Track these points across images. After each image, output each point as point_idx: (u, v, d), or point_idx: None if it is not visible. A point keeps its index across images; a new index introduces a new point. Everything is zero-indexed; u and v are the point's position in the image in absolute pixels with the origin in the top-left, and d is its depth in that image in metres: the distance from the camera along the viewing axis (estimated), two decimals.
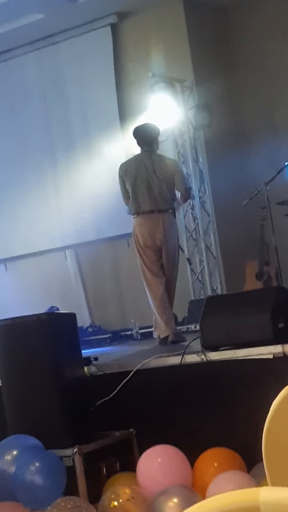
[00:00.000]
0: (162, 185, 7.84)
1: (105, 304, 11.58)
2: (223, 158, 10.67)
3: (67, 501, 4.70)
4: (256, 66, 10.96)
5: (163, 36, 10.66)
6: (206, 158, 10.54)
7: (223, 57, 11.07)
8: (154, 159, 7.98)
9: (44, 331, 5.45)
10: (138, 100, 10.47)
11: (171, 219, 7.92)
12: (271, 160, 9.97)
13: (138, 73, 10.73)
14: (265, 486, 1.11)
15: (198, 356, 5.57)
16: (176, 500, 4.70)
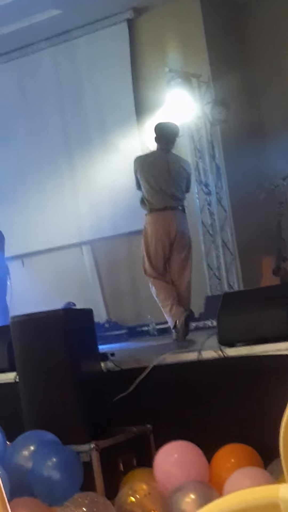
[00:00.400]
0: (175, 184, 7.97)
1: (121, 299, 11.59)
2: (240, 153, 10.64)
3: (84, 496, 4.71)
4: (273, 60, 10.93)
5: (180, 31, 10.65)
6: (222, 153, 10.53)
7: (239, 51, 11.04)
8: (169, 158, 8.07)
9: (61, 327, 5.46)
10: (154, 95, 10.47)
11: (183, 215, 8.03)
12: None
13: (155, 69, 10.73)
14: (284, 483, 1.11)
15: (215, 352, 5.56)
16: (193, 496, 4.70)
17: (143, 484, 4.92)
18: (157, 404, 5.75)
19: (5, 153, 12.14)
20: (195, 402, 5.61)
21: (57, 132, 11.76)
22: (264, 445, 4.94)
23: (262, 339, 5.42)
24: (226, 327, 5.61)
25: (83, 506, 4.61)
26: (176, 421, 5.59)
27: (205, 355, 5.63)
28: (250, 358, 5.43)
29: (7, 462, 5.14)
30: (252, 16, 11.17)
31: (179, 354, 5.87)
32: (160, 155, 8.10)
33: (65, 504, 4.70)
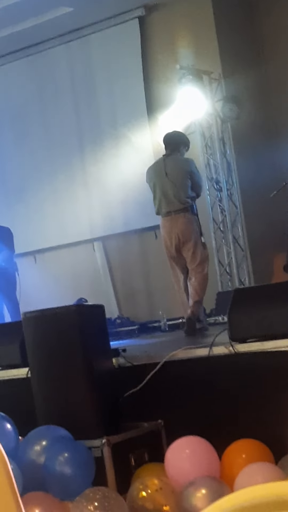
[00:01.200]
0: (174, 186, 8.18)
1: (133, 295, 11.62)
2: (251, 150, 10.65)
3: (96, 491, 4.74)
4: (285, 57, 10.90)
5: (191, 29, 10.65)
6: (233, 150, 10.54)
7: (251, 49, 11.03)
8: (167, 162, 8.34)
9: (72, 323, 5.49)
10: (165, 92, 10.48)
11: (187, 218, 8.23)
12: None
13: (166, 66, 10.74)
14: None
15: (226, 348, 5.58)
16: (204, 491, 4.72)
17: (155, 479, 4.95)
18: (168, 400, 5.78)
19: (19, 150, 12.18)
20: (206, 398, 5.63)
21: (70, 129, 11.79)
22: (275, 441, 4.96)
23: (273, 335, 5.44)
24: (237, 323, 5.63)
25: (94, 501, 4.64)
26: (187, 416, 5.61)
27: (216, 351, 5.65)
28: (261, 354, 5.44)
29: (20, 457, 5.18)
30: (264, 13, 11.15)
31: (190, 350, 5.89)
32: (159, 162, 8.45)
33: (77, 499, 4.74)
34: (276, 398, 5.09)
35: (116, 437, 5.31)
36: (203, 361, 5.71)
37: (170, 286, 9.09)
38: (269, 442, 5.14)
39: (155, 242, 11.08)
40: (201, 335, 7.67)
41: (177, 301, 8.71)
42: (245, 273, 10.43)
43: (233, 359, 5.55)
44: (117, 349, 6.09)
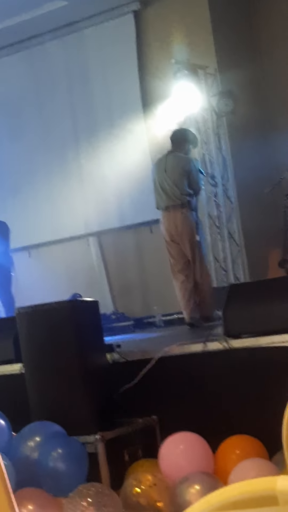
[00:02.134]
0: (171, 183, 8.39)
1: (128, 291, 11.60)
2: (246, 145, 10.63)
3: (89, 487, 4.73)
4: (280, 52, 10.89)
5: (186, 23, 10.62)
6: (229, 145, 10.52)
7: (246, 43, 11.01)
8: (168, 159, 8.56)
9: (67, 318, 5.47)
10: (161, 87, 10.46)
11: (183, 213, 8.41)
12: None
13: (161, 60, 10.71)
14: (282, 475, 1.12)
15: (221, 343, 5.57)
16: (198, 487, 4.71)
17: (149, 475, 4.94)
18: (163, 396, 5.77)
19: (14, 145, 12.15)
20: (201, 393, 5.62)
21: (65, 124, 11.76)
22: (269, 436, 4.94)
23: (267, 331, 5.43)
24: (232, 319, 5.62)
25: (88, 497, 4.63)
26: (181, 412, 5.60)
27: (211, 347, 5.64)
28: (256, 349, 5.43)
29: (13, 453, 5.16)
30: (260, 7, 11.13)
31: (185, 345, 5.88)
32: (162, 158, 8.66)
33: (70, 495, 4.72)
34: (270, 394, 5.07)
35: (110, 433, 5.30)
36: (197, 357, 5.70)
37: (166, 281, 9.09)
38: (263, 438, 5.13)
39: (151, 237, 11.08)
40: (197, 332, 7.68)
41: (173, 297, 8.73)
42: (240, 269, 10.42)
43: (227, 354, 5.54)
44: (111, 345, 6.08)
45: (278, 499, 1.10)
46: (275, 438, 4.60)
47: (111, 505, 4.70)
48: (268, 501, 1.09)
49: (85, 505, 4.65)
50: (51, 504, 4.93)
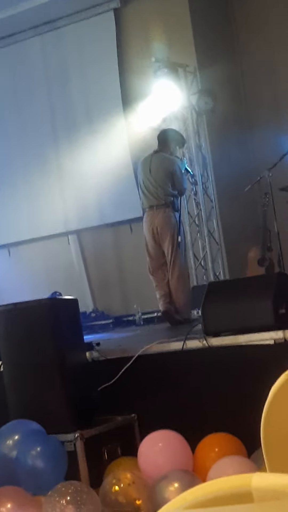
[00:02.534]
0: (155, 183, 8.42)
1: (108, 289, 11.59)
2: (226, 143, 10.65)
3: (68, 486, 4.72)
4: (260, 51, 10.92)
5: (166, 21, 10.62)
6: (209, 143, 10.53)
7: (226, 42, 11.03)
8: (153, 159, 8.58)
9: (46, 316, 5.46)
10: (141, 85, 10.44)
11: (166, 213, 8.46)
12: (274, 146, 9.95)
13: (141, 58, 10.70)
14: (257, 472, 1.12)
15: (200, 341, 5.58)
16: (177, 485, 4.71)
17: (127, 473, 4.93)
18: (142, 394, 5.77)
19: None
20: (180, 391, 5.63)
21: (44, 122, 11.73)
22: (248, 434, 4.95)
23: (246, 329, 5.44)
24: (211, 317, 5.63)
25: (67, 495, 4.62)
26: (160, 410, 5.60)
27: (190, 345, 5.64)
28: (235, 347, 5.45)
29: None
30: (239, 6, 11.15)
31: (164, 344, 5.88)
32: (147, 158, 8.65)
33: (49, 494, 4.71)
34: (249, 392, 5.08)
35: (89, 431, 5.29)
36: (177, 355, 5.71)
37: (145, 279, 9.09)
38: (242, 436, 5.14)
39: (130, 235, 11.08)
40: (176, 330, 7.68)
41: (152, 295, 8.75)
42: (220, 267, 10.43)
43: (206, 352, 5.55)
44: (91, 343, 6.07)
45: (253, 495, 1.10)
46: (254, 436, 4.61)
47: (90, 503, 4.69)
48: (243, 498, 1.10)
49: (63, 503, 4.64)
50: (30, 503, 4.91)
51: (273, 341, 5.27)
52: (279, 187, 8.67)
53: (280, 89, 10.90)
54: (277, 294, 5.47)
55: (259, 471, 4.56)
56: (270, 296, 5.42)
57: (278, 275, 6.21)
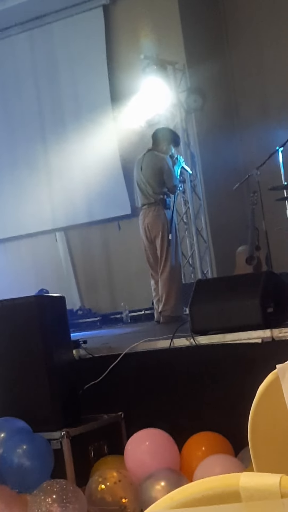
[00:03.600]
0: (145, 181, 8.51)
1: (95, 287, 11.58)
2: (214, 141, 10.65)
3: (54, 484, 4.70)
4: (249, 49, 10.92)
5: (155, 18, 10.61)
6: (197, 141, 10.53)
7: (215, 40, 11.02)
8: (145, 158, 8.66)
9: (32, 314, 5.43)
10: (129, 82, 10.43)
11: (156, 211, 8.53)
12: (263, 145, 9.95)
13: (130, 55, 10.68)
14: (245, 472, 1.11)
15: (187, 340, 5.56)
16: (163, 484, 4.70)
17: (114, 471, 4.92)
18: (129, 392, 5.75)
19: None
20: (167, 390, 5.62)
21: (32, 118, 11.70)
22: (235, 433, 4.95)
23: (234, 327, 5.43)
24: (198, 315, 5.62)
25: (52, 493, 4.60)
26: (147, 409, 5.59)
27: (177, 343, 5.63)
28: (222, 346, 5.43)
29: None
30: (229, 4, 11.15)
31: (151, 342, 5.86)
32: (141, 157, 8.72)
33: (34, 492, 4.69)
34: (236, 391, 5.07)
35: (76, 429, 5.27)
36: (164, 353, 5.69)
37: (133, 277, 9.08)
38: (229, 435, 5.14)
39: (118, 233, 11.07)
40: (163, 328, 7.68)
41: (140, 293, 8.77)
42: (208, 265, 10.44)
43: (194, 351, 5.54)
44: (77, 341, 6.05)
45: (241, 495, 1.09)
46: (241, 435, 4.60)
47: (76, 502, 4.67)
48: (231, 497, 1.09)
49: (49, 501, 4.62)
50: (15, 501, 4.89)
51: (261, 340, 5.26)
52: (268, 186, 8.67)
53: (269, 87, 10.91)
54: (264, 292, 5.46)
55: (246, 470, 4.56)
56: (258, 294, 5.41)
57: (266, 273, 6.19)
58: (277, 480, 1.09)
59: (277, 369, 1.71)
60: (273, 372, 1.74)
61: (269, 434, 1.75)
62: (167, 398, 5.60)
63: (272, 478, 1.09)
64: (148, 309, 9.62)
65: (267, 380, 1.75)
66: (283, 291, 5.73)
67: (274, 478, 1.09)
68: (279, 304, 5.52)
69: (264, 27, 10.84)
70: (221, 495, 1.09)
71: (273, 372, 1.74)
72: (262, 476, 1.09)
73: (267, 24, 10.82)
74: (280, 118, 10.42)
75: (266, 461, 1.73)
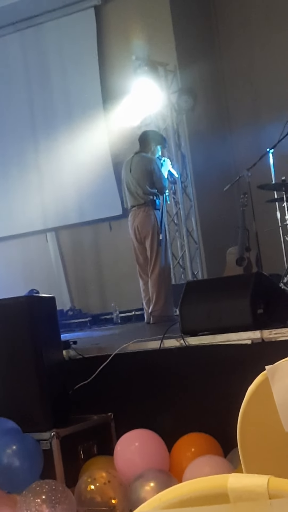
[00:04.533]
0: (135, 183, 8.52)
1: (85, 287, 11.57)
2: (205, 143, 10.66)
3: (43, 485, 4.69)
4: (240, 51, 10.94)
5: (147, 19, 10.61)
6: (188, 142, 10.53)
7: (207, 41, 11.03)
8: (133, 159, 8.67)
9: (23, 314, 5.42)
10: (121, 83, 10.43)
11: (146, 212, 8.54)
12: (254, 146, 9.96)
13: (122, 56, 10.69)
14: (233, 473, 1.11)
15: (177, 341, 5.56)
16: (153, 484, 4.70)
17: (103, 472, 4.91)
18: (119, 393, 5.75)
19: None
20: (157, 390, 5.61)
21: (24, 119, 11.68)
22: (225, 434, 4.95)
23: (223, 328, 5.43)
24: (189, 316, 5.62)
25: (41, 494, 4.59)
26: (137, 409, 5.59)
27: (167, 344, 5.63)
28: (212, 347, 5.44)
29: None
30: (220, 5, 11.17)
31: (142, 342, 5.86)
32: (129, 159, 8.73)
33: (23, 493, 4.68)
34: (226, 392, 5.08)
35: (65, 429, 5.27)
36: (154, 354, 5.69)
37: (123, 278, 9.08)
38: (218, 436, 5.14)
39: (109, 234, 11.07)
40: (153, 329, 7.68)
41: (130, 294, 8.77)
42: (198, 266, 10.44)
43: (184, 352, 5.54)
44: (68, 341, 6.05)
45: (229, 496, 1.10)
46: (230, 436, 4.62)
47: (65, 502, 4.66)
48: (219, 498, 1.09)
49: (39, 502, 4.61)
50: (5, 501, 4.88)
51: (251, 341, 5.27)
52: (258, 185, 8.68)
53: (260, 89, 10.92)
54: (254, 294, 5.47)
55: (235, 470, 4.56)
56: (248, 295, 5.42)
57: (256, 274, 6.20)
58: (265, 481, 1.09)
59: (266, 370, 1.71)
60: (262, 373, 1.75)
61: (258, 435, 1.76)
62: (157, 399, 5.59)
63: (260, 479, 1.09)
64: (139, 309, 9.62)
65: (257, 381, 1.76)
66: (273, 292, 5.73)
67: (262, 479, 1.10)
68: (269, 305, 5.53)
69: (255, 28, 10.86)
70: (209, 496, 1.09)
71: (262, 373, 1.75)
72: (250, 477, 1.09)
73: (258, 26, 10.83)
74: (270, 119, 10.42)
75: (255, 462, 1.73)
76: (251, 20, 10.88)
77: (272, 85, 10.73)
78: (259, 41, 10.86)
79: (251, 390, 1.76)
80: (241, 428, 1.76)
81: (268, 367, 1.71)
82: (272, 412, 1.68)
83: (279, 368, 1.70)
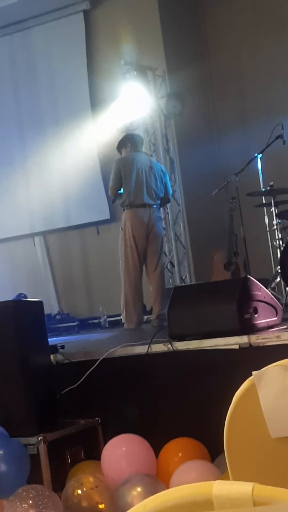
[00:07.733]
0: (157, 182, 8.60)
1: (73, 291, 11.57)
2: (193, 147, 10.67)
3: (29, 490, 4.68)
4: (229, 56, 10.96)
5: (136, 24, 10.63)
6: (176, 147, 10.55)
7: (195, 46, 11.06)
8: (151, 159, 8.88)
9: (10, 318, 5.41)
10: (109, 87, 10.44)
11: (159, 213, 8.79)
12: (242, 151, 9.98)
13: (110, 61, 10.69)
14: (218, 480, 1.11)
15: (165, 345, 5.56)
16: (140, 489, 4.70)
17: (90, 476, 4.90)
18: (106, 397, 5.75)
19: None
20: (144, 395, 5.61)
21: (11, 122, 11.67)
22: (212, 439, 4.95)
23: (211, 333, 5.43)
24: (176, 321, 5.61)
25: (28, 499, 4.58)
26: (124, 414, 5.58)
27: (155, 349, 5.62)
28: (200, 352, 5.44)
29: None
30: (209, 11, 11.19)
31: (129, 347, 5.86)
32: (140, 156, 8.69)
33: (11, 498, 4.67)
34: (213, 397, 5.08)
35: (52, 434, 5.26)
36: (141, 359, 5.69)
37: (111, 282, 9.07)
38: (205, 441, 5.14)
39: (97, 238, 11.06)
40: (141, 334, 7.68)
41: (118, 298, 8.74)
42: (186, 271, 10.45)
43: (171, 357, 5.54)
44: (55, 346, 6.03)
45: (213, 503, 1.09)
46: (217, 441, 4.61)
47: (52, 507, 4.65)
48: (204, 505, 1.09)
49: (25, 507, 4.60)
50: None
51: (238, 346, 5.27)
52: (246, 192, 8.70)
53: (248, 94, 10.95)
54: (242, 299, 5.47)
55: (222, 475, 4.56)
56: (235, 300, 5.42)
57: (243, 279, 6.20)
58: (249, 488, 1.09)
59: (253, 376, 1.71)
60: (249, 378, 1.75)
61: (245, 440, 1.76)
62: (144, 403, 5.59)
63: (245, 487, 1.09)
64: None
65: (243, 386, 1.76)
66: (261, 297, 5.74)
67: (247, 486, 1.10)
68: (256, 310, 5.54)
69: (244, 33, 10.89)
70: (194, 503, 1.09)
71: (249, 379, 1.75)
72: (235, 484, 1.09)
73: (246, 31, 10.86)
74: (259, 124, 10.44)
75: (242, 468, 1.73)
76: (239, 25, 10.91)
77: (260, 89, 10.76)
78: (247, 46, 10.89)
79: (238, 396, 1.76)
80: (227, 433, 1.76)
81: (255, 372, 1.71)
82: (259, 417, 1.68)
83: (265, 373, 1.71)
